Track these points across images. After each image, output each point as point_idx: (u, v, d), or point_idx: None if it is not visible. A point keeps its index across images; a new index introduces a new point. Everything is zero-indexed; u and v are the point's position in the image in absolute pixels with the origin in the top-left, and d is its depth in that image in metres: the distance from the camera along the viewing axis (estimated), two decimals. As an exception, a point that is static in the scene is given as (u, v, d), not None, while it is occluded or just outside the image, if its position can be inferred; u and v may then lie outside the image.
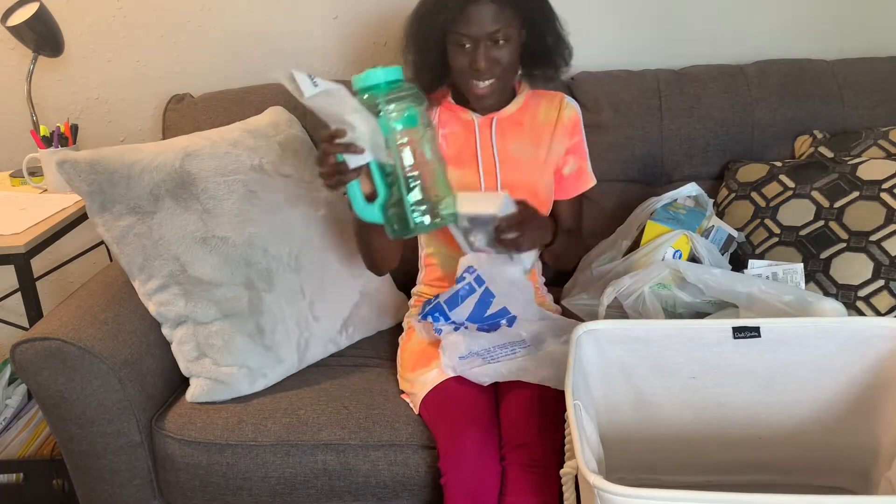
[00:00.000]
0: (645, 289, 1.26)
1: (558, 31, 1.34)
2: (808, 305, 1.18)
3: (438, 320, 1.29)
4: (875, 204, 1.39)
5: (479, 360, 1.25)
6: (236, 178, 1.42)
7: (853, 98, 1.65)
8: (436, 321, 1.30)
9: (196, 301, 1.34)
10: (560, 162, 1.41)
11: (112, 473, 1.32)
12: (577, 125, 1.42)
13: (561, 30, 1.35)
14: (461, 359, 1.24)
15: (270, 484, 1.29)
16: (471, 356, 1.25)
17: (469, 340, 1.25)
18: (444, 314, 1.29)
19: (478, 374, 1.24)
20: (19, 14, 1.70)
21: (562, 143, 1.41)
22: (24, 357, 1.24)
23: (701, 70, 1.72)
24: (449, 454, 1.16)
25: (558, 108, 1.41)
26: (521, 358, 1.25)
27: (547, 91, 1.44)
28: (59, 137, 1.73)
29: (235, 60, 1.88)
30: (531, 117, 1.41)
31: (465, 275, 1.28)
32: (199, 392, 1.34)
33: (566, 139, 1.41)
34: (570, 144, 1.41)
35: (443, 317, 1.29)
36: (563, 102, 1.42)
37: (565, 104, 1.41)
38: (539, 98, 1.43)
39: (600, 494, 0.81)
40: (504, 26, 1.24)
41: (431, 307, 1.30)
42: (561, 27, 1.34)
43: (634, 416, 1.14)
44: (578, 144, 1.42)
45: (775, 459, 1.15)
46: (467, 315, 1.28)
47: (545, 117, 1.41)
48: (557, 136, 1.40)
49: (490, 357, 1.25)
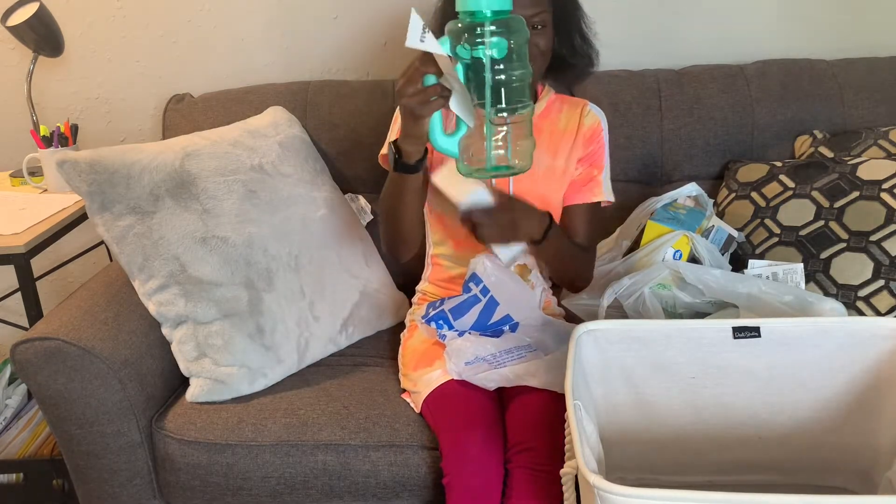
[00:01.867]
0: (645, 289, 1.26)
1: (585, 31, 1.32)
2: (808, 305, 1.18)
3: (442, 327, 1.30)
4: (875, 204, 1.39)
5: (485, 364, 1.24)
6: (236, 178, 1.42)
7: (853, 98, 1.66)
8: (439, 328, 1.30)
9: (196, 301, 1.34)
10: (572, 169, 1.36)
11: (112, 473, 1.32)
12: (597, 134, 1.35)
13: (587, 30, 1.32)
14: (467, 364, 1.24)
15: (270, 484, 1.29)
16: (477, 361, 1.24)
17: (475, 346, 1.25)
18: (448, 322, 1.29)
19: (483, 378, 1.23)
20: (19, 14, 1.70)
21: (579, 153, 1.35)
22: (24, 357, 1.24)
23: (701, 70, 1.72)
24: (452, 455, 1.16)
25: (580, 116, 1.35)
26: (526, 362, 1.24)
27: (571, 98, 1.39)
28: (59, 137, 1.73)
29: (235, 60, 1.88)
30: (551, 124, 1.36)
31: (470, 285, 1.27)
32: (199, 392, 1.34)
33: (582, 148, 1.35)
34: (585, 153, 1.35)
35: (447, 324, 1.30)
36: (586, 110, 1.35)
37: (587, 112, 1.35)
38: (562, 104, 1.38)
39: (600, 494, 0.81)
40: (542, 10, 1.21)
41: (436, 313, 1.31)
42: (588, 27, 1.32)
43: (634, 416, 1.14)
44: (594, 154, 1.35)
45: (775, 459, 1.15)
46: (471, 324, 1.28)
47: (566, 125, 1.35)
48: (577, 145, 1.35)
49: (496, 362, 1.25)
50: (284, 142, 1.55)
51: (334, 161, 1.68)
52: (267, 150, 1.50)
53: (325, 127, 1.71)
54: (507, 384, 1.24)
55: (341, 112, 1.71)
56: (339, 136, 1.70)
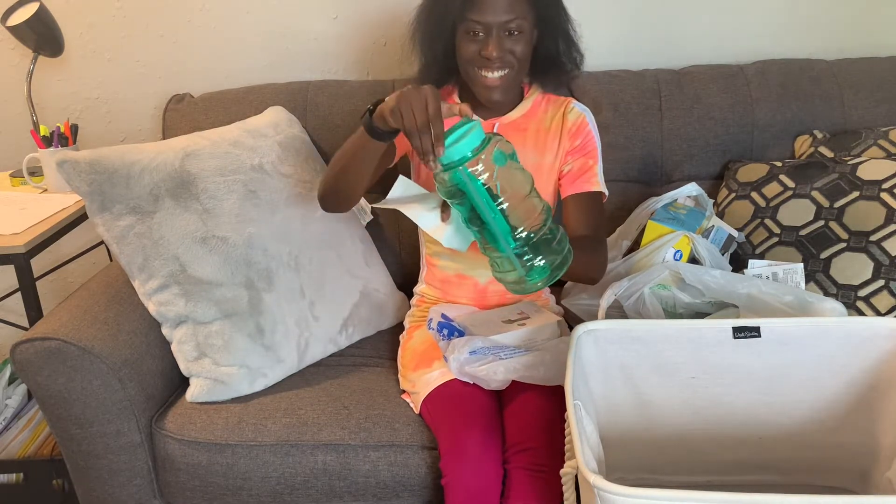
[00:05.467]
0: (645, 289, 1.26)
1: (570, 34, 1.33)
2: (808, 305, 1.18)
3: (452, 335, 1.33)
4: (875, 204, 1.39)
5: (490, 356, 1.24)
6: (236, 178, 1.42)
7: (853, 98, 1.66)
8: (443, 337, 1.33)
9: (196, 301, 1.34)
10: (561, 163, 1.37)
11: (112, 473, 1.32)
12: (582, 128, 1.36)
13: (573, 33, 1.33)
14: (472, 353, 1.23)
15: (270, 484, 1.29)
16: (481, 352, 1.24)
17: (478, 340, 1.26)
18: (451, 329, 1.32)
19: (488, 371, 1.22)
20: (19, 14, 1.70)
21: (566, 146, 1.37)
22: (24, 357, 1.24)
23: (701, 70, 1.72)
24: (450, 455, 1.16)
25: (563, 113, 1.37)
26: (530, 355, 1.24)
27: (557, 97, 1.41)
28: (59, 137, 1.73)
29: (235, 60, 1.88)
30: (537, 123, 1.38)
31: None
32: (199, 392, 1.34)
33: (569, 142, 1.36)
34: (573, 146, 1.36)
35: (457, 332, 1.33)
36: (569, 107, 1.37)
37: (570, 108, 1.37)
38: (547, 104, 1.40)
39: (600, 494, 0.81)
40: (518, 17, 1.23)
41: (440, 324, 1.35)
42: (573, 30, 1.33)
43: (634, 416, 1.14)
44: (584, 146, 1.36)
45: (775, 459, 1.15)
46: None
47: (552, 123, 1.38)
48: (564, 140, 1.37)
49: (502, 353, 1.25)
50: (284, 142, 1.55)
51: (334, 161, 1.68)
52: (267, 150, 1.50)
53: (325, 127, 1.71)
54: (514, 375, 1.22)
55: (341, 112, 1.71)
56: (339, 136, 1.70)
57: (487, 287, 1.43)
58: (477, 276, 1.42)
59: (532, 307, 1.39)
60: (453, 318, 1.35)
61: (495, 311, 1.39)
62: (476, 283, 1.43)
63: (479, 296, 1.44)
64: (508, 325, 1.32)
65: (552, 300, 1.50)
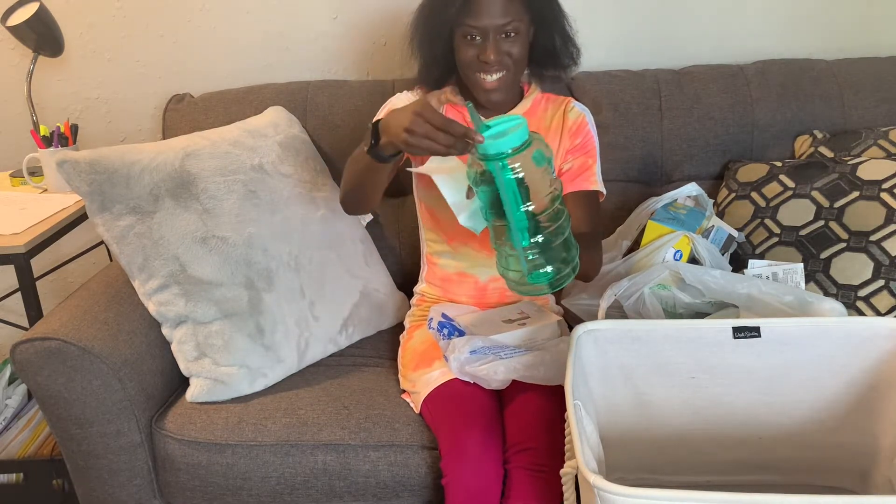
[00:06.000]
0: (645, 290, 1.26)
1: (566, 30, 1.34)
2: (808, 305, 1.18)
3: (451, 335, 1.32)
4: (875, 204, 1.39)
5: (491, 355, 1.24)
6: (236, 178, 1.42)
7: (853, 98, 1.66)
8: (444, 337, 1.32)
9: (196, 301, 1.34)
10: (561, 161, 1.38)
11: (112, 473, 1.32)
12: (582, 127, 1.36)
13: (569, 29, 1.34)
14: (472, 353, 1.24)
15: (270, 484, 1.29)
16: (481, 352, 1.24)
17: (479, 340, 1.26)
18: (458, 330, 1.31)
19: (488, 371, 1.22)
20: (19, 14, 1.70)
21: (567, 145, 1.37)
22: (24, 357, 1.24)
23: (701, 70, 1.72)
24: (450, 455, 1.16)
25: (563, 112, 1.38)
26: (531, 355, 1.24)
27: (556, 96, 1.42)
28: (59, 137, 1.73)
29: (235, 60, 1.89)
30: (537, 122, 1.38)
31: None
32: (199, 392, 1.34)
33: (570, 141, 1.37)
34: (574, 145, 1.36)
35: (458, 332, 1.32)
36: (569, 106, 1.38)
37: (570, 107, 1.38)
38: (547, 102, 1.41)
39: (600, 494, 0.81)
40: (514, 19, 1.23)
41: (440, 324, 1.34)
42: (569, 26, 1.34)
43: (634, 416, 1.14)
44: (584, 145, 1.36)
45: (775, 459, 1.15)
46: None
47: (552, 122, 1.39)
48: (564, 139, 1.37)
49: (502, 353, 1.25)
50: (284, 142, 1.55)
51: (334, 161, 1.68)
52: (267, 150, 1.50)
53: (325, 127, 1.71)
54: (515, 375, 1.23)
55: (341, 112, 1.71)
56: (339, 136, 1.70)
57: (488, 285, 1.43)
58: (477, 274, 1.42)
59: (532, 307, 1.40)
60: (454, 318, 1.35)
61: (496, 311, 1.40)
62: (476, 281, 1.43)
63: (479, 294, 1.44)
64: (509, 325, 1.32)
65: (552, 300, 1.50)
